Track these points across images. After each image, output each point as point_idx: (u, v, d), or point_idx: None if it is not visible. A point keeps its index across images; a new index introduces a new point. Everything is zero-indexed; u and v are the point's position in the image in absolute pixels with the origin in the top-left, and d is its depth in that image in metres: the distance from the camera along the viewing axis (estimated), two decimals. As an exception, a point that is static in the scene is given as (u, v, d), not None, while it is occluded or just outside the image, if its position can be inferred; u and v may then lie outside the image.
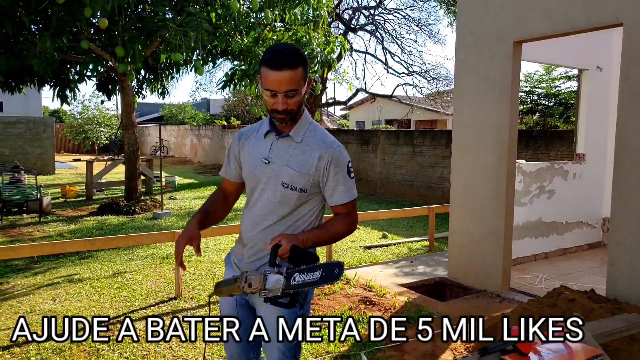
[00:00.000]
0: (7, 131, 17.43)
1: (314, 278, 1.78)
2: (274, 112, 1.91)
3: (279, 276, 1.76)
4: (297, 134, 1.99)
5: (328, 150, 1.98)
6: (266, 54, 1.87)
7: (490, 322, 3.74)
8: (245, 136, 2.10)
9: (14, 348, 3.74)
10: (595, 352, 2.01)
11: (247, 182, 2.10)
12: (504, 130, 4.85)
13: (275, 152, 2.00)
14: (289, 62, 1.83)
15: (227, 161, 2.17)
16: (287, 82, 1.84)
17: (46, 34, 7.35)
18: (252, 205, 2.06)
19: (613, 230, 3.99)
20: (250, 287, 1.78)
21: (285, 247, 1.83)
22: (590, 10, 4.10)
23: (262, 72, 1.86)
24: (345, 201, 2.02)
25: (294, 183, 1.96)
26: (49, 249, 4.78)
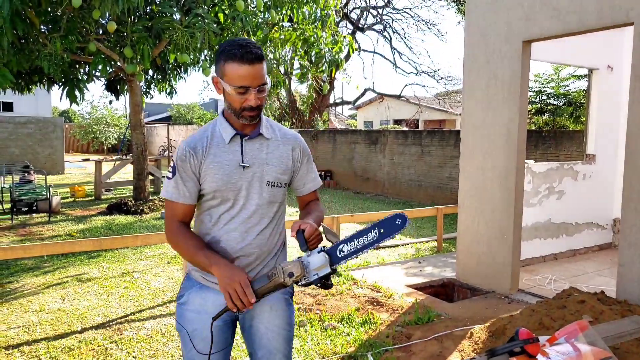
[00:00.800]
0: (17, 131, 17.57)
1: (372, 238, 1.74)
2: (245, 110, 1.81)
3: (323, 254, 1.72)
4: (265, 131, 1.93)
5: (296, 140, 2.00)
6: (231, 48, 1.76)
7: (498, 323, 3.72)
8: (201, 148, 1.87)
9: (23, 346, 3.77)
10: (604, 355, 1.99)
11: (219, 195, 1.87)
12: (513, 131, 4.81)
13: (249, 154, 1.89)
14: (259, 55, 1.77)
15: (182, 183, 1.86)
16: (260, 75, 1.78)
17: (56, 35, 7.40)
18: (235, 215, 1.89)
19: (624, 231, 3.96)
20: (293, 277, 1.70)
21: (312, 228, 1.77)
22: (600, 10, 4.06)
23: (230, 68, 1.76)
24: (318, 187, 2.08)
25: (279, 180, 1.93)
26: (58, 248, 4.81)
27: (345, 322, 4.23)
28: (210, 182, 1.86)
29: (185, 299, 1.95)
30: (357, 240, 1.75)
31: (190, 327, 1.90)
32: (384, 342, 3.81)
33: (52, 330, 4.09)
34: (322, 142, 15.83)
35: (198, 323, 1.89)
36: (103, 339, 3.91)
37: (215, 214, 1.91)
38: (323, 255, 1.73)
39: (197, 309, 1.90)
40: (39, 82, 9.83)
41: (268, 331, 1.97)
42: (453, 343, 3.74)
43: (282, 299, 2.00)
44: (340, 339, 3.88)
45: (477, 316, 4.33)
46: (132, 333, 4.04)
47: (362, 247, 1.75)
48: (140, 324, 4.24)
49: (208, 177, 1.86)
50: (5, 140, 17.39)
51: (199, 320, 1.89)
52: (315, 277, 1.72)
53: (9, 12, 6.11)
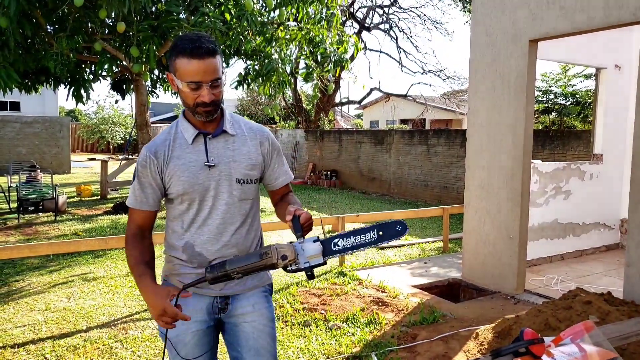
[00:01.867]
0: (24, 131, 17.68)
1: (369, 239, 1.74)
2: (199, 105, 1.76)
3: (318, 243, 1.72)
4: (229, 127, 1.88)
5: (264, 135, 1.96)
6: (182, 43, 1.72)
7: (504, 324, 3.69)
8: (162, 151, 1.82)
9: (29, 345, 3.78)
10: (610, 356, 1.97)
11: (187, 197, 1.83)
12: (519, 130, 4.78)
13: (214, 152, 1.84)
14: (211, 49, 1.71)
15: (140, 190, 1.83)
16: (212, 70, 1.72)
17: (62, 35, 7.43)
18: (205, 218, 1.85)
19: (631, 232, 3.92)
20: (285, 260, 1.69)
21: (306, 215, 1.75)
22: (607, 8, 4.03)
23: (181, 63, 1.72)
24: (290, 180, 2.05)
25: (248, 176, 1.89)
26: (64, 247, 4.83)
27: (350, 322, 4.22)
28: (176, 185, 1.82)
29: None
30: (354, 237, 1.75)
31: (172, 334, 1.86)
32: (389, 342, 3.79)
33: (57, 329, 4.10)
34: (327, 141, 15.81)
35: (180, 329, 1.85)
36: (108, 338, 3.92)
37: (186, 219, 1.87)
38: (318, 244, 1.72)
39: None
40: (45, 82, 9.87)
41: (254, 330, 1.94)
42: (458, 343, 3.72)
43: (262, 296, 1.99)
44: (345, 339, 3.86)
45: (483, 317, 4.31)
46: (137, 332, 4.05)
47: (358, 246, 1.75)
48: (145, 323, 4.24)
49: (173, 181, 1.82)
50: (12, 139, 17.50)
51: (181, 325, 1.83)
52: (306, 265, 1.70)
53: (16, 12, 6.14)
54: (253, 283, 1.97)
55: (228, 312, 1.93)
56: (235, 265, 1.72)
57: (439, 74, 20.49)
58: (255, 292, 1.97)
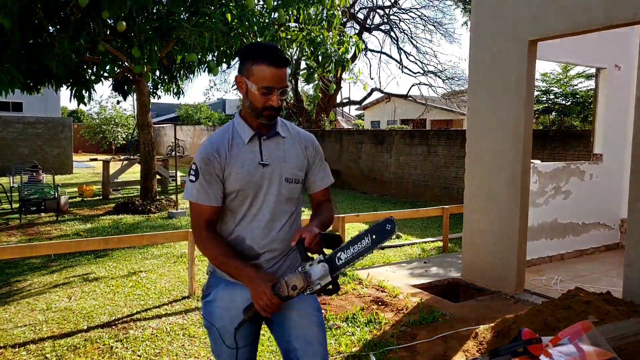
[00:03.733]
0: (26, 131, 17.72)
1: (365, 245, 1.77)
2: (266, 109, 1.89)
3: (323, 264, 1.77)
4: (282, 130, 2.02)
5: (309, 139, 2.09)
6: (263, 50, 1.86)
7: (503, 323, 3.70)
8: (224, 150, 1.93)
9: (29, 345, 3.80)
10: (608, 356, 1.98)
11: (241, 194, 1.94)
12: (518, 130, 4.79)
13: (267, 153, 1.97)
14: (287, 59, 1.88)
15: (206, 185, 1.92)
16: (284, 79, 1.88)
17: (64, 36, 7.46)
18: (255, 214, 1.96)
19: (630, 231, 3.93)
20: (296, 290, 1.77)
21: (310, 235, 1.81)
22: (608, 8, 4.03)
23: (259, 69, 1.85)
24: (329, 184, 2.14)
25: (296, 176, 2.01)
26: (65, 247, 4.84)
27: (349, 321, 4.23)
28: (233, 181, 1.93)
29: (213, 296, 2.01)
30: (352, 247, 1.79)
31: (219, 324, 1.97)
32: (388, 341, 3.80)
33: (58, 329, 4.12)
34: (328, 142, 15.82)
35: (227, 319, 1.96)
36: (109, 338, 3.93)
37: (238, 213, 1.97)
38: (322, 265, 1.77)
39: (226, 306, 1.97)
40: (47, 83, 9.90)
41: (301, 318, 2.01)
42: (458, 343, 3.73)
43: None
44: (345, 339, 3.88)
45: (483, 316, 4.31)
46: (137, 332, 4.07)
47: (358, 254, 1.78)
48: (145, 323, 4.26)
49: (231, 177, 1.93)
50: (14, 140, 17.53)
51: (228, 316, 1.95)
52: (318, 287, 1.77)
53: (18, 13, 6.17)
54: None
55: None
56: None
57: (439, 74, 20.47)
58: None
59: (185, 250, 6.40)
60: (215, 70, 8.32)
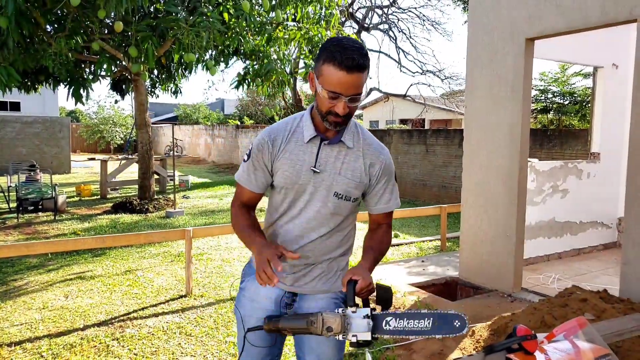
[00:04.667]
0: (24, 131, 17.70)
1: (423, 327, 1.62)
2: (330, 114, 1.70)
3: (368, 321, 1.62)
4: (348, 138, 1.82)
5: (380, 157, 1.88)
6: (333, 49, 1.62)
7: (500, 321, 3.70)
8: (281, 140, 1.82)
9: (26, 343, 3.79)
10: (603, 352, 1.97)
11: (283, 191, 1.85)
12: (516, 129, 4.79)
13: (324, 159, 1.80)
14: (361, 65, 1.62)
15: (253, 171, 1.85)
16: (355, 85, 1.64)
17: (61, 35, 7.44)
18: (295, 216, 1.86)
19: (627, 230, 3.93)
20: (330, 332, 1.61)
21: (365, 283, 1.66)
22: (604, 6, 4.03)
23: (327, 69, 1.63)
24: (393, 209, 1.94)
25: (348, 193, 1.82)
26: (62, 246, 4.84)
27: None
28: (280, 177, 1.83)
29: (244, 285, 1.98)
30: (407, 320, 1.64)
31: (243, 312, 1.94)
32: (385, 340, 3.80)
33: (54, 328, 4.11)
34: (327, 141, 15.81)
35: (250, 310, 1.93)
36: (105, 336, 3.93)
37: (279, 210, 1.90)
38: (367, 322, 1.62)
39: (251, 297, 1.93)
40: (45, 82, 9.89)
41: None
42: (454, 341, 3.72)
43: (331, 302, 1.94)
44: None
45: (480, 314, 4.31)
46: (134, 330, 4.06)
47: (410, 332, 1.64)
48: (142, 322, 4.25)
49: (279, 172, 1.83)
50: (12, 139, 17.51)
51: (251, 307, 1.92)
52: (353, 340, 1.63)
53: (14, 12, 6.15)
54: (324, 287, 1.93)
55: (294, 308, 1.93)
56: (286, 324, 1.72)
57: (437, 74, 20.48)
58: (325, 297, 1.93)
59: (183, 249, 6.40)
60: (213, 70, 8.31)
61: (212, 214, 9.71)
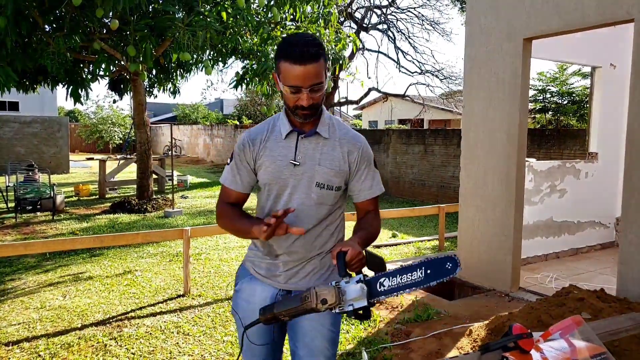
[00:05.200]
0: (23, 130, 17.68)
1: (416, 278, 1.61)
2: (297, 108, 1.78)
3: (361, 286, 1.60)
4: (323, 129, 1.88)
5: (356, 144, 1.93)
6: (285, 47, 1.72)
7: (497, 321, 3.70)
8: (260, 139, 1.90)
9: (23, 343, 3.79)
10: (598, 350, 1.98)
11: (267, 188, 1.91)
12: (513, 129, 4.80)
13: (302, 152, 1.87)
14: (314, 53, 1.70)
15: (237, 171, 1.93)
16: (313, 75, 1.71)
17: (59, 35, 7.44)
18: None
19: (624, 230, 3.93)
20: (326, 304, 1.60)
21: (354, 252, 1.67)
22: (601, 6, 4.04)
23: (283, 67, 1.72)
24: (377, 194, 1.98)
25: (329, 182, 1.87)
26: (59, 245, 4.83)
27: (344, 318, 4.23)
28: (263, 174, 1.90)
29: (239, 287, 2.03)
30: (400, 276, 1.64)
31: (241, 314, 1.98)
32: (382, 339, 3.80)
33: (52, 327, 4.11)
34: (325, 141, 15.80)
35: (247, 312, 1.96)
36: (103, 336, 3.92)
37: (265, 208, 1.94)
38: (360, 286, 1.61)
39: (247, 299, 1.97)
40: (43, 82, 9.88)
41: (312, 329, 1.93)
42: (452, 340, 3.73)
43: None
44: (339, 336, 3.87)
45: (477, 314, 4.32)
46: (131, 330, 4.06)
47: (405, 286, 1.64)
48: (140, 321, 4.25)
49: (261, 169, 1.90)
50: (10, 139, 17.50)
51: (248, 309, 1.95)
52: (350, 308, 1.61)
53: (13, 11, 6.15)
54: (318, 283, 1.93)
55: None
56: (281, 309, 1.71)
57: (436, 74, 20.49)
58: None
59: (181, 249, 6.40)
60: (210, 69, 8.31)
61: (211, 214, 9.71)
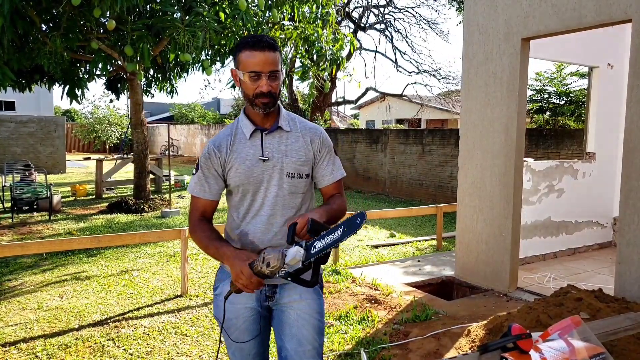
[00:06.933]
0: (19, 130, 17.62)
1: (337, 236, 1.71)
2: (258, 96, 1.87)
3: (298, 248, 1.70)
4: (284, 124, 1.98)
5: (316, 133, 2.04)
6: (244, 40, 1.88)
7: (496, 321, 3.70)
8: (225, 145, 1.96)
9: (20, 344, 3.77)
10: (597, 351, 1.98)
11: (242, 189, 1.96)
12: (511, 129, 4.80)
13: (269, 147, 1.95)
14: (271, 43, 1.86)
15: (204, 180, 1.97)
16: (271, 62, 1.84)
17: (56, 34, 7.41)
18: (258, 209, 1.97)
19: (622, 229, 3.94)
20: (269, 267, 1.70)
21: (302, 221, 1.76)
22: (599, 6, 4.04)
23: (243, 55, 1.85)
24: (338, 178, 2.10)
25: (299, 171, 1.98)
26: (56, 246, 4.81)
27: (342, 319, 4.22)
28: (234, 176, 1.95)
29: (220, 290, 2.04)
30: (326, 237, 1.73)
31: (226, 316, 1.99)
32: (381, 339, 3.80)
33: (49, 328, 4.09)
34: (323, 141, 15.79)
35: (232, 313, 1.99)
36: (100, 337, 3.91)
37: (241, 209, 1.99)
38: (297, 249, 1.71)
39: (230, 300, 1.96)
40: (40, 81, 9.84)
41: (299, 318, 1.98)
42: (450, 340, 3.73)
43: (313, 290, 2.01)
44: (338, 337, 3.87)
45: (475, 314, 4.32)
46: (129, 330, 4.04)
47: (330, 244, 1.72)
48: (137, 322, 4.24)
49: (232, 172, 1.95)
50: (7, 139, 17.43)
51: (233, 310, 1.99)
52: (284, 272, 1.71)
53: (9, 10, 6.12)
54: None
55: (275, 299, 2.01)
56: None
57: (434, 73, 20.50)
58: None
59: (179, 249, 6.39)
60: (209, 69, 8.29)
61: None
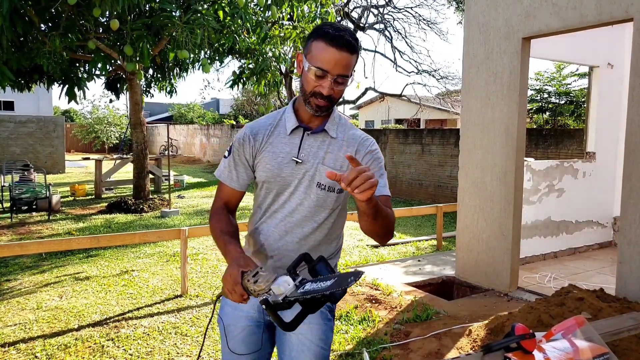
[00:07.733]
0: (18, 130, 17.59)
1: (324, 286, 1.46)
2: (314, 95, 1.64)
3: (289, 280, 1.48)
4: (332, 128, 1.76)
5: (363, 143, 1.79)
6: (325, 28, 1.61)
7: (497, 321, 3.69)
8: (262, 134, 1.77)
9: (19, 344, 3.75)
10: (601, 351, 1.96)
11: (266, 186, 1.78)
12: (512, 128, 4.79)
13: (306, 149, 1.74)
14: (351, 43, 1.59)
15: (234, 167, 1.80)
16: (344, 65, 1.59)
17: (55, 34, 7.39)
18: (276, 210, 1.79)
19: (623, 229, 3.93)
20: (255, 284, 1.48)
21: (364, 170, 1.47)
22: (600, 5, 4.04)
23: (316, 46, 1.60)
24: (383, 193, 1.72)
25: (332, 184, 1.73)
26: (55, 246, 4.79)
27: (343, 319, 4.21)
28: (261, 170, 1.77)
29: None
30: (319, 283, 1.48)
31: (226, 321, 1.88)
32: (382, 339, 3.79)
33: (48, 328, 4.07)
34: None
35: (232, 319, 1.86)
36: (100, 337, 3.89)
37: (263, 206, 1.82)
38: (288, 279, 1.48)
39: (233, 305, 1.85)
40: (39, 81, 9.82)
41: (300, 343, 1.80)
42: (451, 340, 3.72)
43: (318, 312, 1.75)
44: (338, 337, 3.86)
45: (476, 314, 4.31)
46: (129, 330, 4.03)
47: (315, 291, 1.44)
48: (137, 322, 4.22)
49: (260, 166, 1.77)
50: (6, 139, 17.40)
51: (234, 316, 1.86)
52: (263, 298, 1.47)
53: (8, 10, 6.10)
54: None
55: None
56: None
57: (433, 73, 20.51)
58: None
59: (178, 249, 6.37)
60: (207, 68, 8.27)
61: (208, 214, 9.65)
